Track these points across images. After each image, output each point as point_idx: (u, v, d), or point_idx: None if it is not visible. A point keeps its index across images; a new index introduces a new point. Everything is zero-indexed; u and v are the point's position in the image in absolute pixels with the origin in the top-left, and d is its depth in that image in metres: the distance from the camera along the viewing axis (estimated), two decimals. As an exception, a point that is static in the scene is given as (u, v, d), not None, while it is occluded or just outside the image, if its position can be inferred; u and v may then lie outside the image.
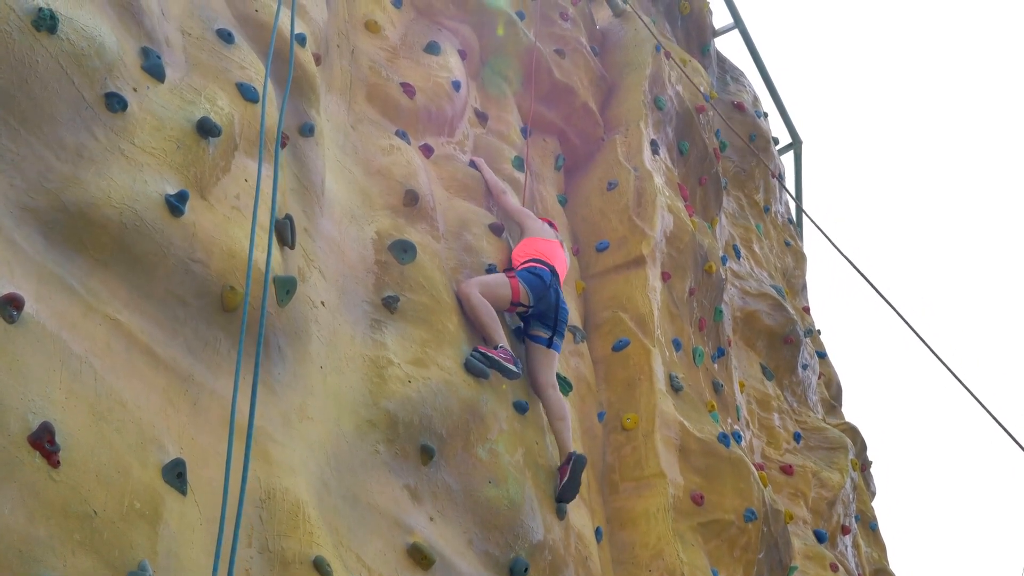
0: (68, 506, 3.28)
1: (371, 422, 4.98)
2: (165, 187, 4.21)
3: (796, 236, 13.04)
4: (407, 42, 7.54)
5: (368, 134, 6.54)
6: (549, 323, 6.41)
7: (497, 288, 6.19)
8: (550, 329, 6.41)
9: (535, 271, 6.42)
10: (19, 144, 3.78)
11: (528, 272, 6.40)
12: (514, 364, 5.80)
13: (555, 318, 6.43)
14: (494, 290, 6.16)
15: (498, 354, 5.77)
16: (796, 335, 10.61)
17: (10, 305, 3.41)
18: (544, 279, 6.38)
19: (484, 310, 5.97)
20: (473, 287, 6.04)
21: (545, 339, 6.40)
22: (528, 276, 6.35)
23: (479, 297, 6.01)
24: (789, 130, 14.21)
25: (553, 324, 6.42)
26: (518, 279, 6.30)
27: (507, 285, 6.23)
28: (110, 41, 4.24)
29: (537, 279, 6.35)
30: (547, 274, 6.45)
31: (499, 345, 5.88)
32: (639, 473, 7.01)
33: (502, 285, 6.22)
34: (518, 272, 6.41)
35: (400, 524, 4.82)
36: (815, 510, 9.32)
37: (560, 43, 9.25)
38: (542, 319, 6.41)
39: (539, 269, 6.46)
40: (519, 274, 6.37)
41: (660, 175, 8.93)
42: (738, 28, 13.16)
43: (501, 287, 6.21)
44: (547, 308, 6.39)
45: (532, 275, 6.37)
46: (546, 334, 6.40)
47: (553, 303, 6.41)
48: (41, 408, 3.35)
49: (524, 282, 6.30)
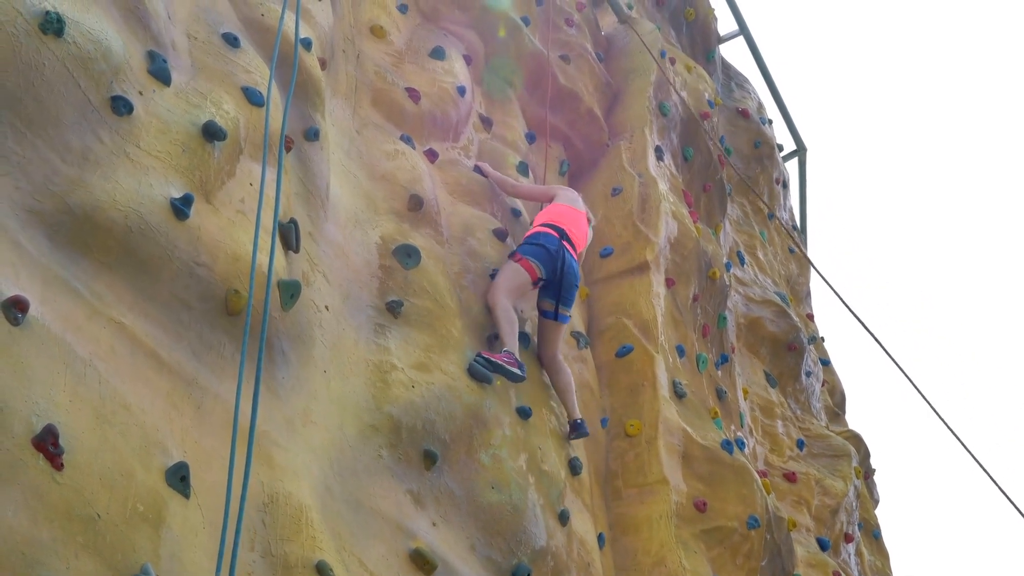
0: (71, 509, 3.27)
1: (374, 427, 4.98)
2: (170, 190, 4.22)
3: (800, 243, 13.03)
4: (412, 47, 7.55)
5: (373, 139, 6.55)
6: (553, 294, 6.36)
7: (518, 281, 6.23)
8: (554, 300, 6.35)
9: (539, 240, 6.42)
10: (25, 147, 3.79)
11: (532, 245, 6.40)
12: (518, 368, 5.82)
13: (559, 286, 6.35)
14: (518, 286, 6.22)
15: (501, 358, 5.77)
16: (800, 342, 10.60)
17: (15, 307, 3.41)
18: (549, 248, 6.35)
19: (507, 317, 6.01)
20: (501, 294, 6.08)
21: (551, 312, 6.39)
22: (533, 249, 6.36)
23: (506, 305, 6.05)
24: (794, 137, 14.21)
25: (557, 294, 6.34)
26: (526, 259, 6.30)
27: (522, 272, 6.27)
28: (116, 45, 4.25)
29: (542, 249, 6.34)
30: (553, 241, 6.40)
31: (504, 349, 5.90)
32: (642, 479, 6.99)
33: (519, 275, 6.25)
34: (521, 248, 6.42)
35: (403, 529, 4.82)
36: (818, 518, 9.30)
37: (565, 49, 9.26)
38: (547, 289, 6.39)
39: (545, 236, 6.45)
40: (524, 251, 6.37)
41: (664, 181, 8.93)
42: (743, 35, 13.17)
43: (519, 277, 6.24)
44: (554, 278, 6.34)
45: (536, 246, 6.37)
46: (550, 306, 6.38)
47: (559, 271, 6.32)
48: (45, 411, 3.34)
49: (532, 257, 6.32)
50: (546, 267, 6.34)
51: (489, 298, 6.14)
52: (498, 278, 6.24)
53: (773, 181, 12.44)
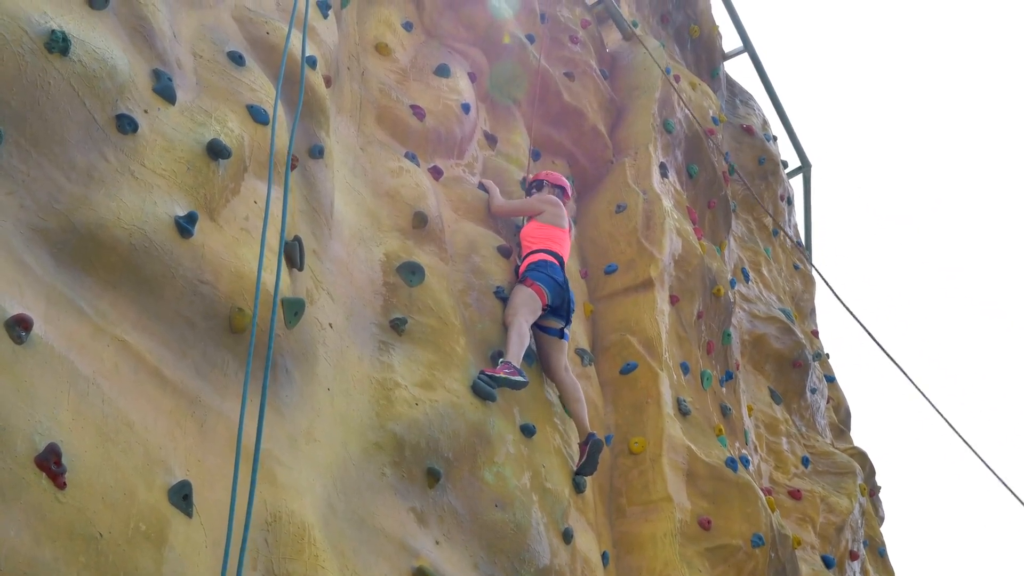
0: (74, 528, 3.27)
1: (378, 445, 4.97)
2: (175, 208, 4.22)
3: (805, 259, 13.02)
4: (417, 65, 7.57)
5: (377, 156, 6.56)
6: (562, 315, 6.74)
7: (534, 306, 6.51)
8: (563, 320, 6.75)
9: (547, 271, 6.70)
10: (30, 165, 3.80)
11: (540, 272, 6.67)
12: (519, 375, 5.94)
13: (567, 310, 6.74)
14: (533, 311, 6.49)
15: (501, 371, 5.88)
16: (805, 359, 10.57)
17: (19, 326, 3.41)
18: (557, 279, 6.70)
19: (520, 337, 6.26)
20: (521, 318, 6.37)
21: (557, 330, 6.73)
22: (543, 277, 6.64)
23: (524, 329, 6.34)
24: (798, 153, 14.20)
25: (566, 316, 6.76)
26: (539, 285, 6.57)
27: (536, 298, 6.53)
28: (122, 63, 4.26)
29: (551, 281, 6.66)
30: (559, 273, 6.77)
31: (502, 360, 6.02)
32: (646, 497, 6.98)
33: (534, 300, 6.53)
34: (532, 274, 6.65)
35: (406, 547, 4.81)
36: (823, 535, 9.26)
37: (570, 66, 9.28)
38: (555, 312, 6.72)
39: (551, 267, 6.75)
40: (536, 278, 6.62)
41: (669, 198, 8.93)
42: (747, 52, 13.17)
43: (535, 303, 6.52)
44: (560, 303, 6.72)
45: (546, 276, 6.66)
46: (559, 325, 6.74)
47: (566, 299, 6.75)
48: (48, 429, 3.34)
49: (542, 284, 6.60)
50: (553, 295, 6.62)
51: (508, 318, 6.40)
52: (515, 301, 6.50)
53: (778, 197, 12.44)
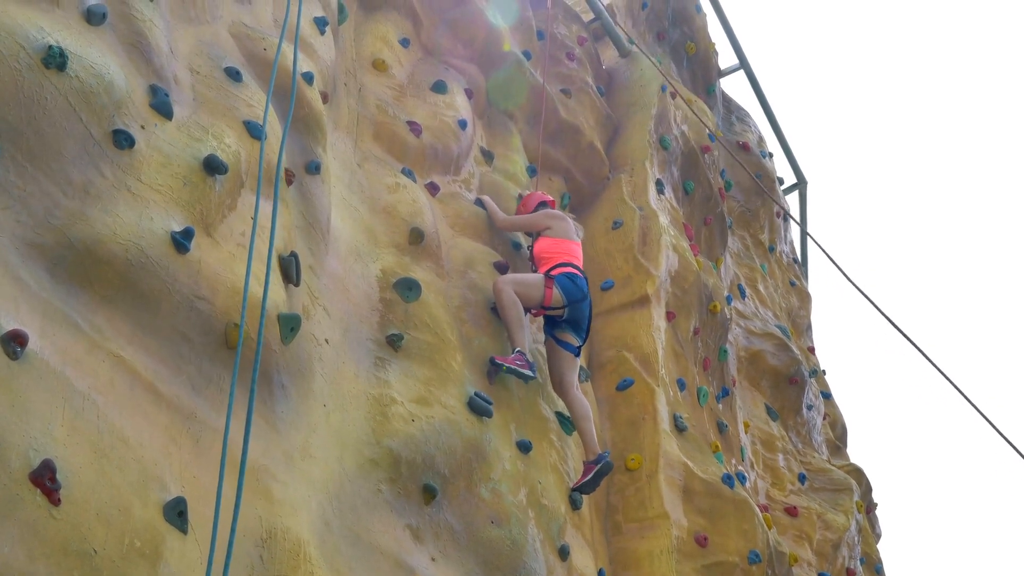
0: (68, 544, 3.26)
1: (374, 461, 4.96)
2: (171, 224, 4.22)
3: (801, 276, 13.03)
4: (414, 81, 7.59)
5: (374, 172, 6.56)
6: (581, 332, 6.55)
7: (531, 288, 6.33)
8: (580, 338, 6.55)
9: (574, 278, 6.51)
10: (26, 180, 3.79)
11: (567, 278, 6.48)
12: (529, 368, 5.90)
13: (587, 328, 6.58)
14: (528, 290, 6.30)
15: (513, 361, 5.86)
16: (801, 375, 10.57)
17: (14, 341, 3.40)
18: (582, 288, 6.49)
19: (515, 311, 6.09)
20: (508, 284, 6.17)
21: (575, 347, 6.54)
22: (567, 283, 6.44)
23: (512, 296, 6.14)
24: (794, 170, 14.25)
25: (586, 330, 6.57)
26: (555, 287, 6.39)
27: (541, 288, 6.37)
28: (119, 79, 4.26)
29: (575, 287, 6.45)
30: (584, 283, 6.54)
31: (516, 350, 5.97)
32: (642, 514, 6.96)
33: (536, 287, 6.36)
34: (555, 276, 6.48)
35: (402, 564, 4.79)
36: (820, 552, 9.24)
37: (567, 83, 9.31)
38: (574, 327, 6.53)
39: (578, 277, 6.55)
40: (557, 279, 6.45)
41: (665, 214, 8.94)
42: (743, 69, 13.22)
43: (535, 289, 6.34)
44: (580, 318, 6.51)
45: (571, 282, 6.46)
46: (576, 342, 6.54)
47: (587, 314, 6.52)
48: (43, 445, 3.33)
49: (561, 288, 6.40)
50: (568, 303, 6.41)
51: (496, 284, 6.24)
52: (514, 275, 6.35)
53: (774, 214, 12.46)
